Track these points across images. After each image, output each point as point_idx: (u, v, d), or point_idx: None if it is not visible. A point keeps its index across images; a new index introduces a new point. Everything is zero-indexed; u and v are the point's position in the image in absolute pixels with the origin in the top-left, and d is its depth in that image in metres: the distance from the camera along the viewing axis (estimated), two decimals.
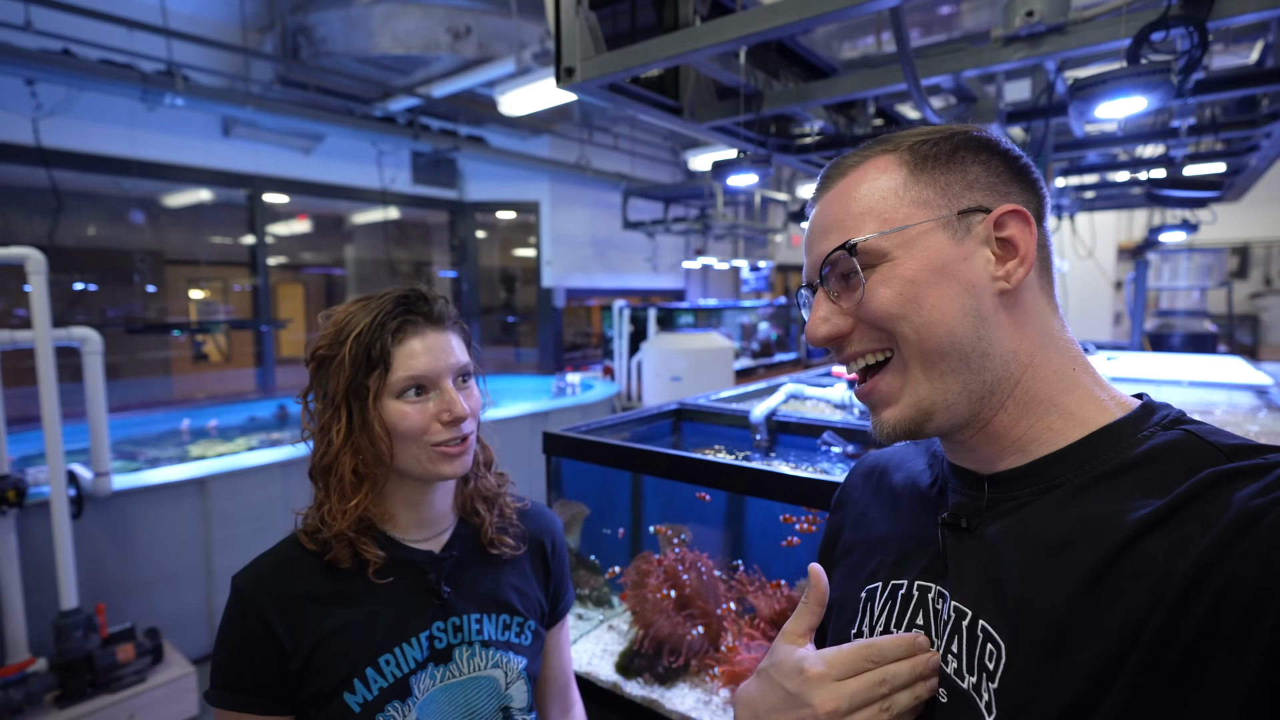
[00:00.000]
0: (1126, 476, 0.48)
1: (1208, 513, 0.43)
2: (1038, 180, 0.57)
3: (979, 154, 0.55)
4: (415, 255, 7.54)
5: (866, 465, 0.75)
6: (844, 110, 2.40)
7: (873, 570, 0.63)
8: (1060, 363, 0.54)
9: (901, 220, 0.53)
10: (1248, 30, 2.55)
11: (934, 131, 0.57)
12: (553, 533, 1.03)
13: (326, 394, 0.83)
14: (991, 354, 0.52)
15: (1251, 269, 9.04)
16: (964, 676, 0.50)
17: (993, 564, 0.51)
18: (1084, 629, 0.44)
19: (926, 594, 0.56)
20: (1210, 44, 1.37)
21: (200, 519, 3.05)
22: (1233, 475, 0.44)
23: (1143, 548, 0.44)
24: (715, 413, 2.09)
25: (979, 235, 0.53)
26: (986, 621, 0.50)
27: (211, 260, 5.89)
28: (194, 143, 4.85)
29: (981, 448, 0.55)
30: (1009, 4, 1.49)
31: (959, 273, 0.52)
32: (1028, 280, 0.54)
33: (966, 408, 0.53)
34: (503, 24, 4.50)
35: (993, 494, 0.54)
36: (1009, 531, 0.52)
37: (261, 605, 0.79)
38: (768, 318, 8.58)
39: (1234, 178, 3.20)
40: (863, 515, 0.69)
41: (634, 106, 1.82)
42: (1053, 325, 0.55)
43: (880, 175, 0.55)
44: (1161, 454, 0.48)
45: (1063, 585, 0.46)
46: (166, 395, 5.47)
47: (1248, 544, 0.40)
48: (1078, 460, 0.51)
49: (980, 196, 0.54)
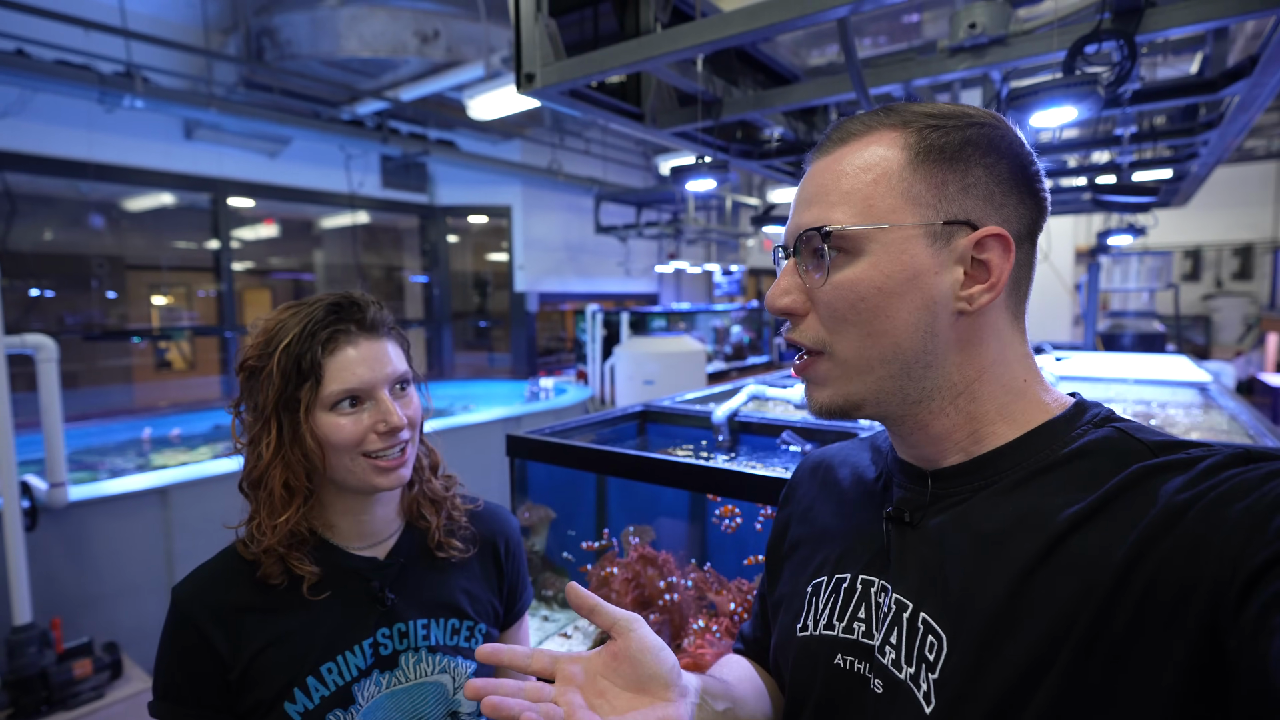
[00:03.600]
0: (1059, 471, 0.50)
1: (1135, 505, 0.44)
2: (1041, 190, 0.54)
3: (987, 155, 0.52)
4: (386, 260, 7.47)
5: (813, 461, 0.75)
6: (804, 117, 2.45)
7: (819, 564, 0.63)
8: (1011, 378, 0.54)
9: (887, 214, 0.51)
10: (1187, 42, 2.67)
11: (950, 115, 0.53)
12: (506, 533, 1.02)
13: (256, 406, 0.81)
14: (935, 365, 0.52)
15: (1203, 271, 9.37)
16: (901, 667, 0.51)
17: (934, 557, 0.52)
18: (1019, 620, 0.45)
19: (870, 587, 0.57)
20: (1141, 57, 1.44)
21: (161, 529, 2.99)
22: (1158, 470, 0.45)
23: (1074, 540, 0.45)
24: (679, 414, 2.12)
25: (957, 251, 0.51)
26: (927, 614, 0.51)
27: (174, 265, 5.77)
28: (155, 145, 4.75)
29: (925, 446, 0.56)
30: (954, 17, 1.55)
31: (925, 286, 0.51)
32: (994, 302, 0.52)
33: (899, 407, 0.54)
34: (471, 28, 4.50)
35: (936, 489, 0.55)
36: (950, 526, 0.53)
37: (198, 616, 0.78)
38: (740, 321, 8.66)
39: (1178, 183, 3.33)
40: (809, 510, 0.70)
41: (595, 112, 1.84)
42: (1011, 343, 0.55)
43: (879, 154, 0.52)
44: (1091, 450, 0.50)
45: (1000, 578, 0.47)
46: (128, 403, 5.34)
47: (1173, 538, 0.41)
48: (1015, 457, 0.52)
49: (972, 206, 0.51)
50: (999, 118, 0.54)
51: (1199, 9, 1.31)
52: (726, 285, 9.84)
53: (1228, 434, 1.86)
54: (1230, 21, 1.33)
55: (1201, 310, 9.31)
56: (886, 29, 5.29)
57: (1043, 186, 0.55)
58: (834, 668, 0.57)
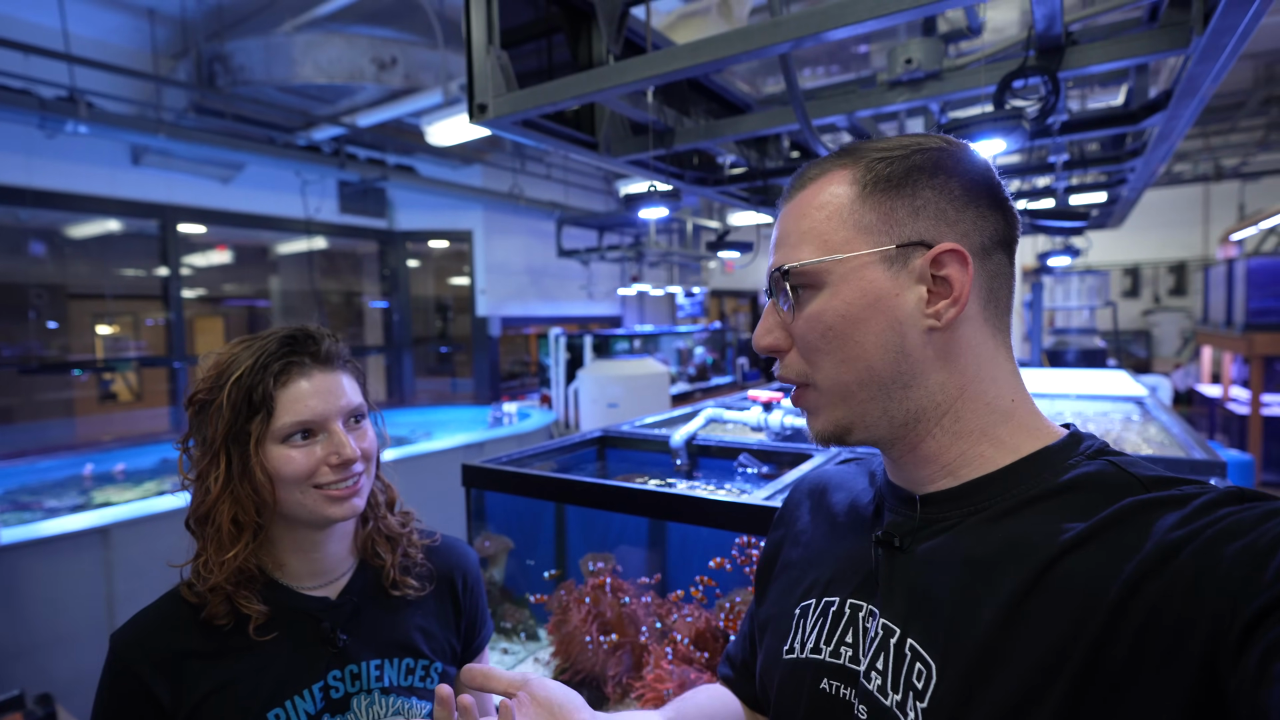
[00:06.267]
0: (1050, 502, 0.50)
1: (1127, 538, 0.44)
2: (1004, 201, 0.55)
3: (934, 177, 0.53)
4: (345, 285, 7.35)
5: (809, 483, 0.75)
6: (756, 145, 2.52)
7: (807, 586, 0.63)
8: (995, 395, 0.55)
9: (840, 245, 0.53)
10: (1113, 76, 2.82)
11: (896, 146, 0.55)
12: (464, 568, 1.00)
13: (205, 439, 0.79)
14: (914, 386, 0.53)
15: (1142, 288, 9.83)
16: (887, 694, 0.51)
17: (922, 583, 0.52)
18: (1010, 651, 0.45)
19: (858, 612, 0.57)
20: (1070, 89, 1.52)
21: (102, 571, 2.85)
22: (1152, 505, 0.45)
23: (1063, 567, 0.45)
24: (638, 439, 2.12)
25: (915, 271, 0.52)
26: (915, 640, 0.51)
27: (120, 294, 5.58)
28: (99, 171, 4.62)
29: (913, 468, 0.56)
30: (892, 52, 1.62)
31: (889, 309, 0.52)
32: (967, 315, 0.53)
33: (888, 429, 0.55)
34: (429, 55, 4.51)
35: (925, 514, 0.55)
36: (938, 552, 0.53)
37: (137, 664, 0.75)
38: (703, 342, 8.73)
39: (1111, 206, 3.50)
40: (801, 532, 0.70)
41: (549, 142, 1.86)
42: (993, 358, 0.55)
43: (831, 192, 0.55)
44: (1084, 483, 0.50)
45: (989, 606, 0.47)
46: (69, 439, 5.11)
47: (1169, 574, 0.41)
48: (1005, 484, 0.52)
49: (925, 226, 0.53)
50: (951, 140, 0.56)
51: (1114, 49, 1.40)
52: (689, 307, 9.94)
53: (1163, 446, 1.94)
54: (1143, 60, 1.42)
55: (1142, 325, 9.75)
56: (840, 58, 5.49)
57: (1005, 197, 0.56)
58: (819, 692, 0.57)
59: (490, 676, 0.58)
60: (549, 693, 0.59)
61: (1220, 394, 6.74)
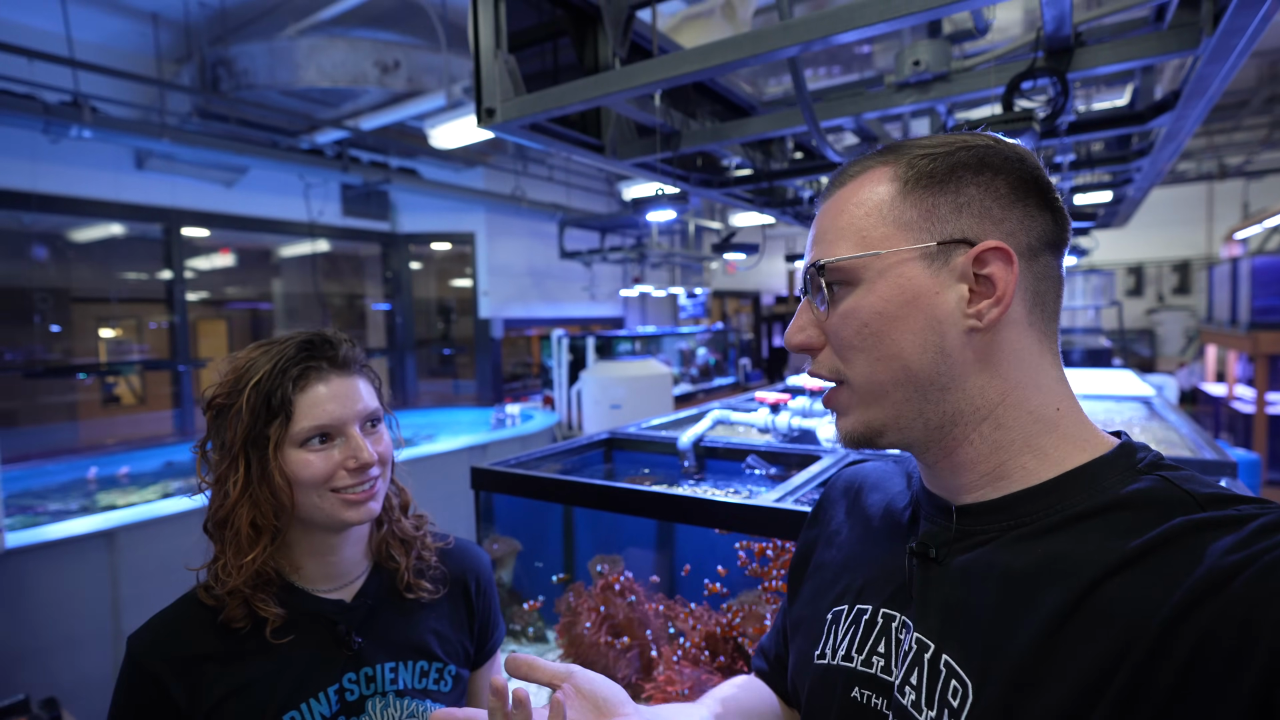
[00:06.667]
0: (1098, 520, 0.47)
1: (1177, 561, 0.42)
2: (1053, 203, 0.53)
3: (980, 174, 0.51)
4: (347, 288, 7.35)
5: (845, 481, 0.73)
6: (762, 147, 2.52)
7: (840, 592, 0.62)
8: (1040, 403, 0.52)
9: (879, 242, 0.52)
10: (1118, 76, 2.82)
11: (942, 143, 0.53)
12: (477, 570, 1.01)
13: (224, 444, 0.80)
14: (952, 389, 0.51)
15: (1146, 287, 9.82)
16: (922, 709, 0.49)
17: (957, 598, 0.51)
18: (1050, 672, 0.44)
19: (891, 622, 0.55)
20: (1081, 88, 1.52)
21: (108, 575, 2.85)
22: (1205, 525, 0.43)
23: (1108, 592, 0.43)
24: (645, 441, 2.12)
25: (957, 269, 0.51)
26: (950, 657, 0.49)
27: (124, 297, 5.58)
28: (103, 176, 4.63)
29: (949, 476, 0.54)
30: (900, 54, 1.62)
31: (928, 307, 0.51)
32: (1011, 318, 0.51)
33: (922, 433, 0.53)
34: (432, 58, 4.52)
35: (962, 525, 0.53)
36: (975, 566, 0.51)
37: (155, 667, 0.76)
38: (705, 343, 8.73)
39: (1116, 206, 3.50)
40: (835, 534, 0.69)
41: (556, 145, 1.86)
42: (1038, 364, 0.53)
43: (872, 189, 0.53)
44: (1135, 500, 0.47)
45: (1028, 627, 0.45)
46: (72, 442, 5.11)
47: (1222, 602, 0.39)
48: (1049, 500, 0.50)
49: (968, 224, 0.51)
50: (998, 139, 0.54)
51: (1123, 49, 1.40)
52: (691, 308, 9.94)
53: (1172, 446, 1.94)
54: (1152, 61, 1.42)
55: (1146, 324, 9.74)
56: (841, 59, 5.50)
57: (1055, 197, 0.53)
58: (851, 700, 0.56)
59: (535, 666, 0.56)
60: (594, 686, 0.57)
61: (1225, 393, 6.72)
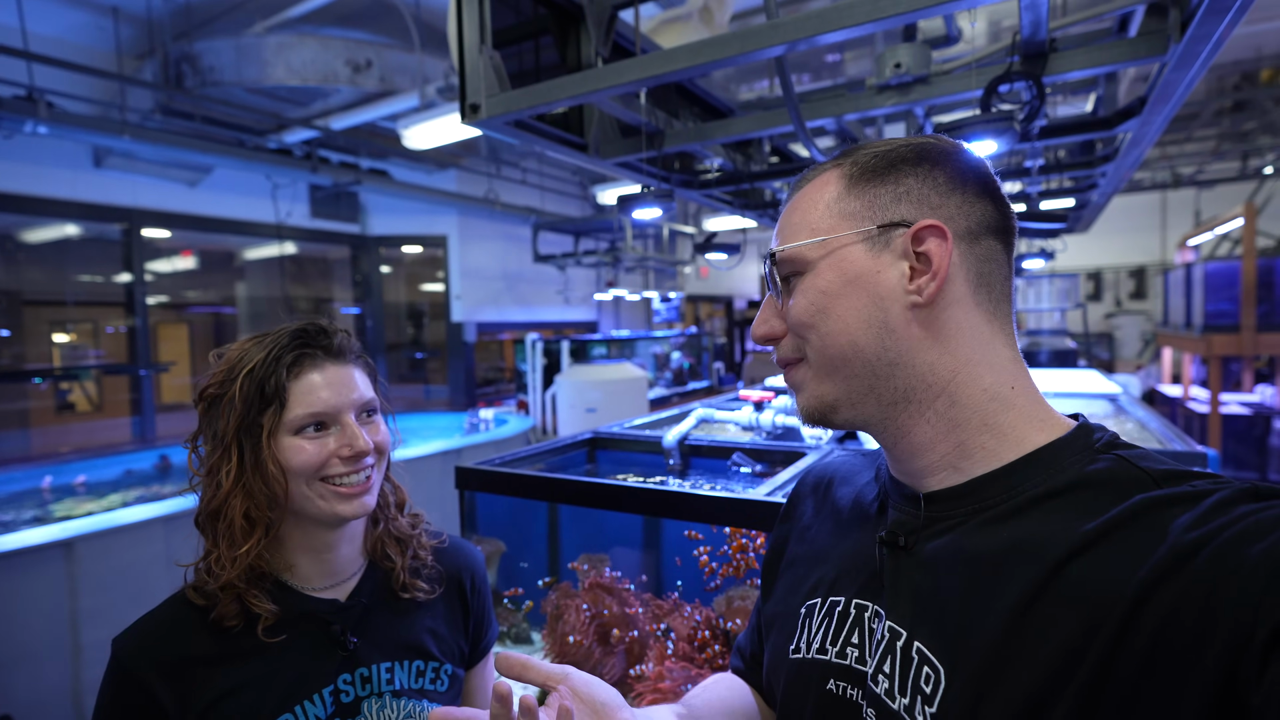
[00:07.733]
0: (1060, 500, 0.48)
1: (1139, 539, 0.43)
2: (994, 191, 0.56)
3: (918, 165, 0.55)
4: (314, 292, 7.20)
5: (814, 476, 0.75)
6: (741, 149, 2.54)
7: (813, 585, 0.63)
8: (993, 381, 0.53)
9: (826, 231, 0.55)
10: (1082, 84, 2.91)
11: (887, 143, 0.57)
12: (472, 568, 0.99)
13: (216, 434, 0.78)
14: (901, 364, 0.53)
15: (1105, 292, 10.16)
16: (895, 697, 0.50)
17: (928, 585, 0.51)
18: (1020, 656, 0.44)
19: (864, 612, 0.56)
20: (1048, 96, 1.57)
21: (65, 586, 2.73)
22: (1163, 502, 0.44)
23: (1074, 573, 0.44)
24: (630, 440, 2.12)
25: (897, 249, 0.53)
26: (922, 643, 0.50)
27: (80, 300, 5.39)
28: (59, 173, 4.46)
29: (911, 459, 0.56)
30: (880, 57, 1.65)
31: (870, 285, 0.53)
32: (955, 296, 0.53)
33: (876, 409, 0.55)
34: (405, 58, 4.46)
35: (929, 512, 0.54)
36: (943, 552, 0.52)
37: (142, 671, 0.72)
38: (680, 347, 8.76)
39: (1080, 211, 3.62)
40: (807, 529, 0.69)
41: (540, 142, 1.85)
42: (989, 343, 0.54)
43: (823, 189, 0.57)
44: (1094, 479, 0.48)
45: (997, 609, 0.46)
46: (24, 450, 4.90)
47: (1185, 578, 0.40)
48: (1011, 482, 0.51)
49: (907, 209, 0.54)
50: (940, 137, 0.58)
51: (1096, 55, 1.45)
52: (665, 312, 9.97)
53: (1142, 440, 2.00)
54: (1123, 66, 1.47)
55: (1104, 328, 10.07)
56: (811, 66, 5.59)
57: (996, 186, 0.56)
58: (826, 693, 0.57)
59: (529, 666, 0.54)
60: (591, 689, 0.56)
61: (1181, 394, 6.98)
